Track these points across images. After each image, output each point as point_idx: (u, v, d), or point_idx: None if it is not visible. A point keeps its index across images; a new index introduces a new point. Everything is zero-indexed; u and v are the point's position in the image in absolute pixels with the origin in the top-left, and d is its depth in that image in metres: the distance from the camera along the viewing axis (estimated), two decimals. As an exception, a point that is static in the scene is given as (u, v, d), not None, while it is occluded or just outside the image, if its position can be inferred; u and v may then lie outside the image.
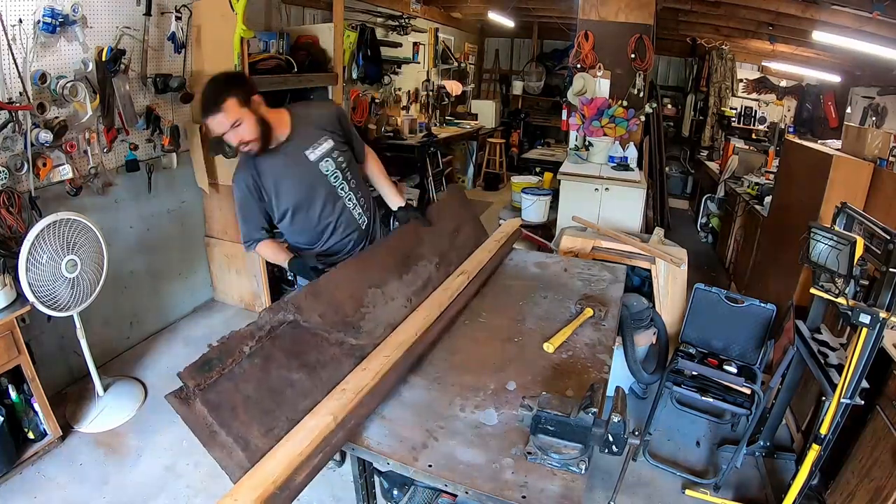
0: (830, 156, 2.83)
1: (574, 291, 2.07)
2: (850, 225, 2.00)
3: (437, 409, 1.33)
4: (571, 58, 4.68)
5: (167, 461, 2.39)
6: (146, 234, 3.22)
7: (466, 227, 2.31)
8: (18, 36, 2.27)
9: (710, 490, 2.29)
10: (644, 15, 4.37)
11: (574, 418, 1.12)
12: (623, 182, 4.02)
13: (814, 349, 2.05)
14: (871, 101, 4.74)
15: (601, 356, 1.61)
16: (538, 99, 8.86)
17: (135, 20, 2.78)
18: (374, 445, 1.20)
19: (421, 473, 1.14)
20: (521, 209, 3.97)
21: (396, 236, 1.97)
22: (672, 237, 3.23)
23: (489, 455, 1.18)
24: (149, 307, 3.34)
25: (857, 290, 1.76)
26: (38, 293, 2.17)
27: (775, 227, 3.58)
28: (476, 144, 7.62)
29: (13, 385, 2.29)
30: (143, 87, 2.93)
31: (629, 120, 4.45)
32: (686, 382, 2.40)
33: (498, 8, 6.56)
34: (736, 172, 5.13)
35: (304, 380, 1.30)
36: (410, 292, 1.79)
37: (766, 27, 4.71)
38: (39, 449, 2.35)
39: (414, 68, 6.62)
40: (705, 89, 7.11)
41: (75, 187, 2.65)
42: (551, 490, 1.08)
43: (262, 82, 3.21)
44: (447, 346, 1.64)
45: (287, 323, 1.35)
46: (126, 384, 2.85)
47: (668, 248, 2.94)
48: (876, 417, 1.94)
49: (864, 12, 3.17)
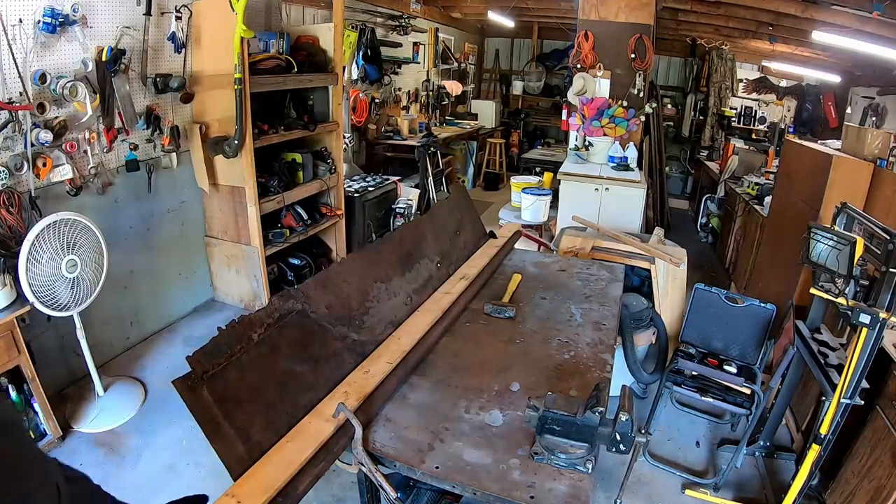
0: (830, 156, 2.84)
1: (574, 291, 2.08)
2: (850, 225, 2.01)
3: (441, 411, 1.33)
4: (571, 58, 4.69)
5: (167, 461, 2.39)
6: (146, 234, 3.21)
7: (468, 228, 2.32)
8: (18, 36, 2.27)
9: (710, 490, 2.30)
10: (644, 15, 4.38)
11: (580, 418, 1.12)
12: (623, 182, 4.02)
13: (814, 349, 2.06)
14: (871, 101, 4.76)
15: (603, 356, 1.61)
16: (538, 99, 8.86)
17: (135, 20, 2.78)
18: (381, 448, 1.20)
19: (428, 475, 1.14)
20: (521, 209, 3.97)
21: (401, 232, 1.98)
22: (672, 237, 3.24)
23: (496, 456, 1.18)
24: (149, 307, 3.33)
25: (857, 291, 1.76)
26: (38, 293, 2.17)
27: (775, 227, 3.59)
28: (476, 144, 7.62)
29: (13, 385, 2.28)
30: (143, 87, 2.93)
31: (629, 120, 4.46)
32: (686, 382, 2.41)
33: (498, 8, 6.55)
34: (736, 172, 5.14)
35: (307, 373, 1.30)
36: (411, 290, 1.80)
37: (766, 27, 4.71)
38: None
39: (414, 68, 6.62)
40: (705, 89, 7.13)
41: (75, 187, 2.64)
42: (559, 490, 1.08)
43: (261, 82, 3.22)
44: (449, 348, 1.64)
45: (295, 312, 1.35)
46: (126, 384, 2.84)
47: (668, 248, 2.95)
48: (876, 417, 1.94)
49: (864, 12, 3.17)
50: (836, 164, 2.78)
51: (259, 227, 3.41)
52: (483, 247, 2.35)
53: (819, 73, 5.59)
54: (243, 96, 3.01)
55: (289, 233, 3.76)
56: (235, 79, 2.95)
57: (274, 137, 3.46)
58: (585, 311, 1.91)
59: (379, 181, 4.72)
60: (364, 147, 5.77)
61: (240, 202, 3.40)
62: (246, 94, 3.03)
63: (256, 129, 3.29)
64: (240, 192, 3.37)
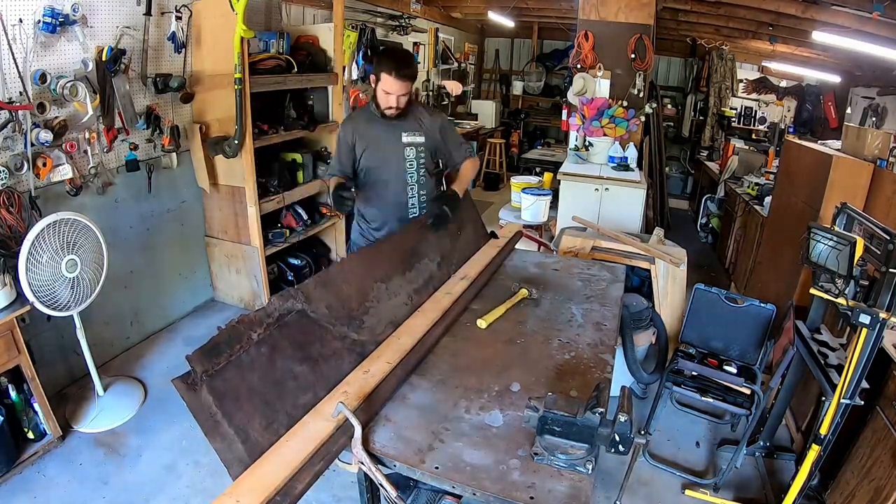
0: (830, 156, 2.84)
1: (574, 292, 2.07)
2: (850, 225, 2.01)
3: (441, 411, 1.33)
4: (571, 58, 4.68)
5: (167, 461, 2.39)
6: (146, 233, 3.21)
7: (469, 228, 2.32)
8: (18, 36, 2.27)
9: (710, 490, 2.30)
10: (644, 15, 4.37)
11: (580, 418, 1.12)
12: (623, 182, 4.02)
13: (814, 349, 2.06)
14: (871, 102, 4.76)
15: (604, 356, 1.61)
16: (538, 99, 8.85)
17: (135, 20, 2.77)
18: (380, 448, 1.20)
19: (428, 475, 1.14)
20: (521, 209, 3.97)
21: (402, 232, 1.98)
22: (672, 237, 3.23)
23: (496, 456, 1.18)
24: (149, 307, 3.33)
25: (856, 291, 1.76)
26: (38, 293, 2.17)
27: (775, 228, 3.59)
28: (476, 144, 7.61)
29: (13, 385, 2.28)
30: (143, 86, 2.92)
31: (629, 120, 4.45)
32: (686, 382, 2.40)
33: (498, 8, 6.55)
34: (736, 172, 5.14)
35: (306, 373, 1.30)
36: (412, 290, 1.80)
37: (766, 27, 4.71)
38: (39, 449, 2.34)
39: (414, 68, 6.61)
40: (705, 89, 7.13)
41: (75, 187, 2.64)
42: (559, 490, 1.08)
43: (262, 82, 3.22)
44: (449, 349, 1.64)
45: (295, 311, 1.35)
46: (126, 384, 2.84)
47: (668, 249, 2.95)
48: (876, 417, 1.94)
49: (864, 12, 3.17)
50: (836, 165, 2.78)
51: (259, 227, 3.41)
52: (484, 247, 2.35)
53: (819, 73, 5.59)
54: (243, 96, 3.01)
55: (289, 233, 3.76)
56: (235, 79, 2.95)
57: (274, 137, 3.46)
58: (586, 312, 1.90)
59: (379, 181, 4.71)
60: (364, 147, 5.76)
61: (240, 202, 3.40)
62: (246, 94, 3.03)
63: (256, 129, 3.29)
64: (240, 192, 3.37)
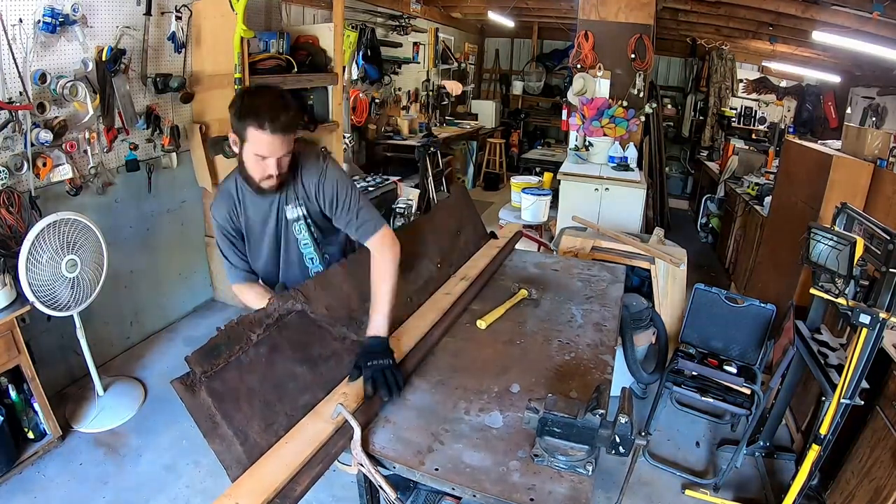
0: (830, 156, 2.84)
1: (574, 292, 2.07)
2: (850, 225, 2.01)
3: (441, 413, 1.33)
4: (571, 58, 4.68)
5: (167, 461, 2.39)
6: (146, 233, 3.21)
7: (468, 228, 2.31)
8: (18, 36, 2.27)
9: (710, 490, 2.30)
10: (644, 15, 4.37)
11: (581, 420, 1.11)
12: (623, 182, 4.02)
13: (814, 349, 2.06)
14: (871, 101, 4.76)
15: (604, 357, 1.61)
16: (538, 99, 8.85)
17: (135, 20, 2.77)
18: (380, 449, 1.20)
19: (428, 477, 1.13)
20: (521, 209, 3.97)
21: (401, 232, 1.97)
22: (672, 237, 3.23)
23: (496, 458, 1.17)
24: (149, 307, 3.33)
25: (857, 291, 1.76)
26: (38, 293, 2.17)
27: (775, 227, 3.59)
28: (476, 144, 7.62)
29: (13, 385, 2.28)
30: (143, 86, 2.92)
31: (629, 120, 4.45)
32: (686, 382, 2.41)
33: (498, 8, 6.55)
34: (736, 172, 5.14)
35: (305, 374, 1.30)
36: (412, 290, 1.79)
37: (766, 27, 4.71)
38: (39, 449, 2.35)
39: (414, 68, 6.61)
40: (705, 89, 7.13)
41: (75, 187, 2.64)
42: (559, 492, 1.08)
43: (261, 82, 3.21)
44: (449, 349, 1.64)
45: (295, 312, 1.35)
46: (126, 384, 2.84)
47: (668, 249, 2.94)
48: (876, 417, 1.95)
49: (864, 12, 3.17)
50: (836, 165, 2.78)
51: (259, 227, 3.40)
52: (484, 247, 2.34)
53: (819, 73, 5.59)
54: (243, 96, 3.00)
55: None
56: (235, 79, 2.95)
57: (274, 137, 3.45)
58: (586, 312, 1.90)
59: (379, 181, 4.72)
60: (364, 147, 5.77)
61: (240, 202, 3.40)
62: (246, 94, 3.03)
63: (256, 129, 3.28)
64: (240, 192, 3.37)
